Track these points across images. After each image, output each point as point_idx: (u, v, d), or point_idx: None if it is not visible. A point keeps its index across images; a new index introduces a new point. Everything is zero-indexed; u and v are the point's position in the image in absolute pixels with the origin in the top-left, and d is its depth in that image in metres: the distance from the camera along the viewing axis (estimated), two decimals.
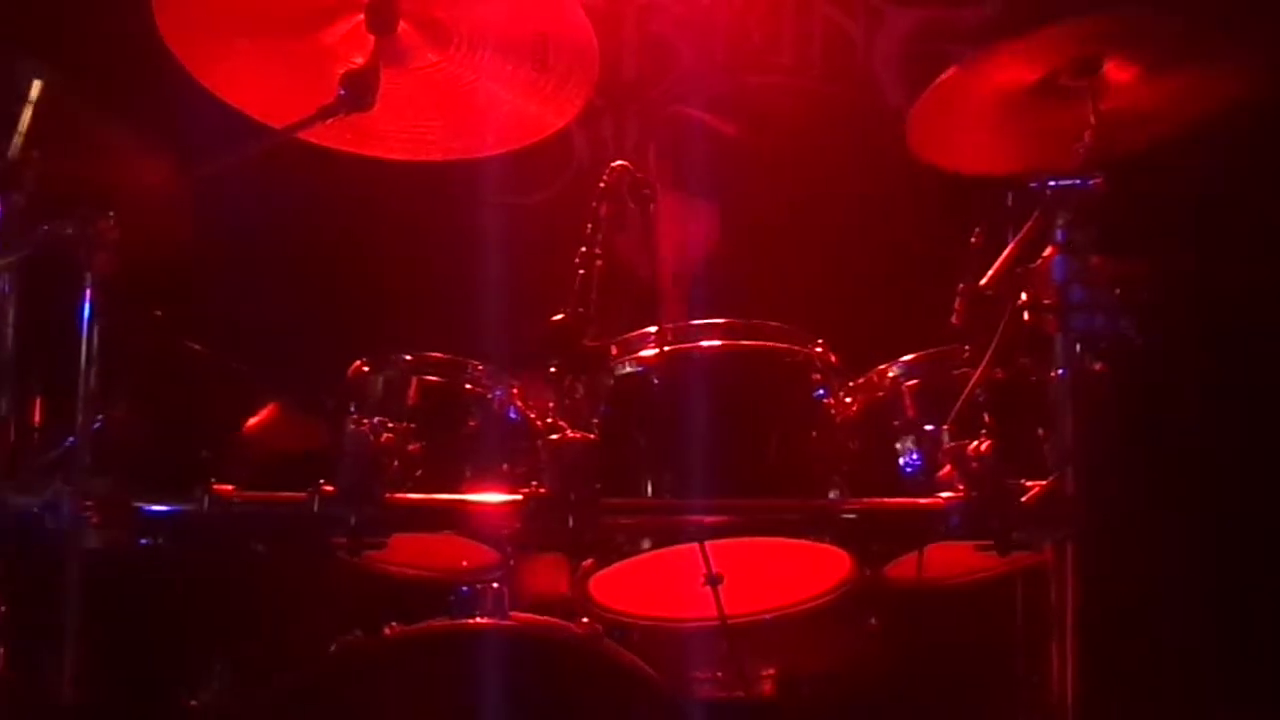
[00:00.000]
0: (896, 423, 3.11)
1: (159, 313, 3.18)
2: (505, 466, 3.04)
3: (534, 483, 2.86)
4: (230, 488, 2.82)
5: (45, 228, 2.69)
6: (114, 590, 2.72)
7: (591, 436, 2.86)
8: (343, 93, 2.85)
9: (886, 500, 3.00)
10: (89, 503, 2.66)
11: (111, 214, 2.67)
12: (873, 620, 3.38)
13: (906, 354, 3.17)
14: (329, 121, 2.85)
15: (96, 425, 2.72)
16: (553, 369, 2.98)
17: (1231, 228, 3.92)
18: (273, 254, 4.01)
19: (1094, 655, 2.72)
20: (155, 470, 2.86)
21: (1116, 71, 2.99)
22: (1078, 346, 2.78)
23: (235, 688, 3.10)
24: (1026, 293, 2.82)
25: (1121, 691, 2.95)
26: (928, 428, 3.06)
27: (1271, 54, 3.00)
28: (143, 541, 2.79)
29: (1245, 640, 3.79)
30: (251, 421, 3.30)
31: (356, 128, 2.99)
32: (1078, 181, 2.79)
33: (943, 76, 3.03)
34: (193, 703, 3.10)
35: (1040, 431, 2.95)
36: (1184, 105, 3.08)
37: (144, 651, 3.18)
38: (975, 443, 2.90)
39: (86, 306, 2.67)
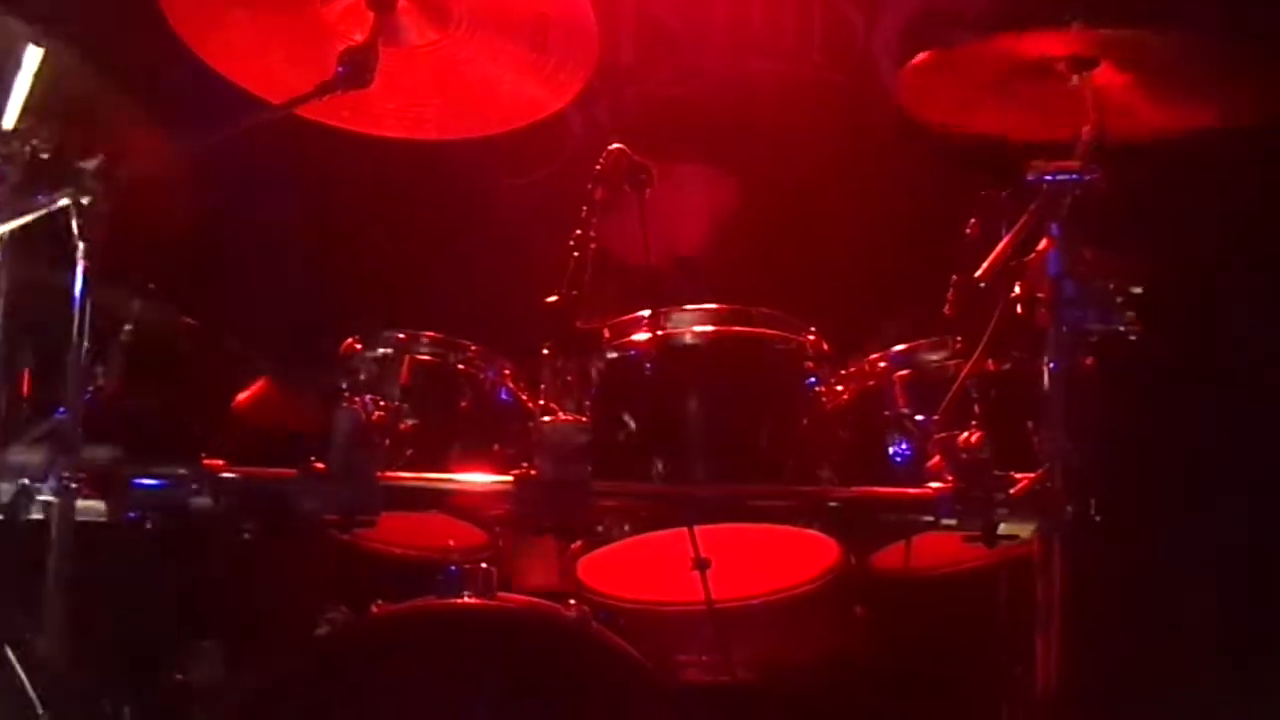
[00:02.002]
0: (887, 412, 3.13)
1: (152, 286, 3.17)
2: (496, 447, 3.05)
3: (524, 464, 2.86)
4: (221, 463, 2.82)
5: (40, 198, 2.69)
6: (103, 564, 2.72)
7: (583, 419, 2.87)
8: (341, 69, 2.83)
9: (875, 489, 3.00)
10: (79, 474, 2.65)
11: (104, 180, 2.66)
12: (858, 608, 3.39)
13: (898, 344, 3.18)
14: (327, 98, 2.84)
15: (87, 397, 2.71)
16: (545, 351, 2.98)
17: (1228, 223, 3.92)
18: (267, 229, 4.00)
19: (1078, 647, 2.72)
20: (146, 444, 2.85)
21: (1112, 74, 2.99)
22: (1070, 340, 2.78)
23: (223, 663, 3.10)
24: (1020, 285, 2.82)
25: (1105, 683, 2.96)
26: (918, 418, 3.07)
27: (1260, 82, 3.02)
28: (131, 515, 2.79)
29: (1231, 632, 3.80)
30: (243, 397, 3.30)
31: (354, 105, 2.98)
32: (1074, 176, 2.79)
33: (921, 56, 3.03)
34: (180, 677, 3.10)
35: (1030, 424, 2.96)
36: (1177, 119, 3.10)
37: (132, 626, 3.18)
38: (965, 434, 2.91)
39: (79, 278, 2.66)
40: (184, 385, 3.20)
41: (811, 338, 3.17)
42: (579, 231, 3.04)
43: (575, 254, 3.02)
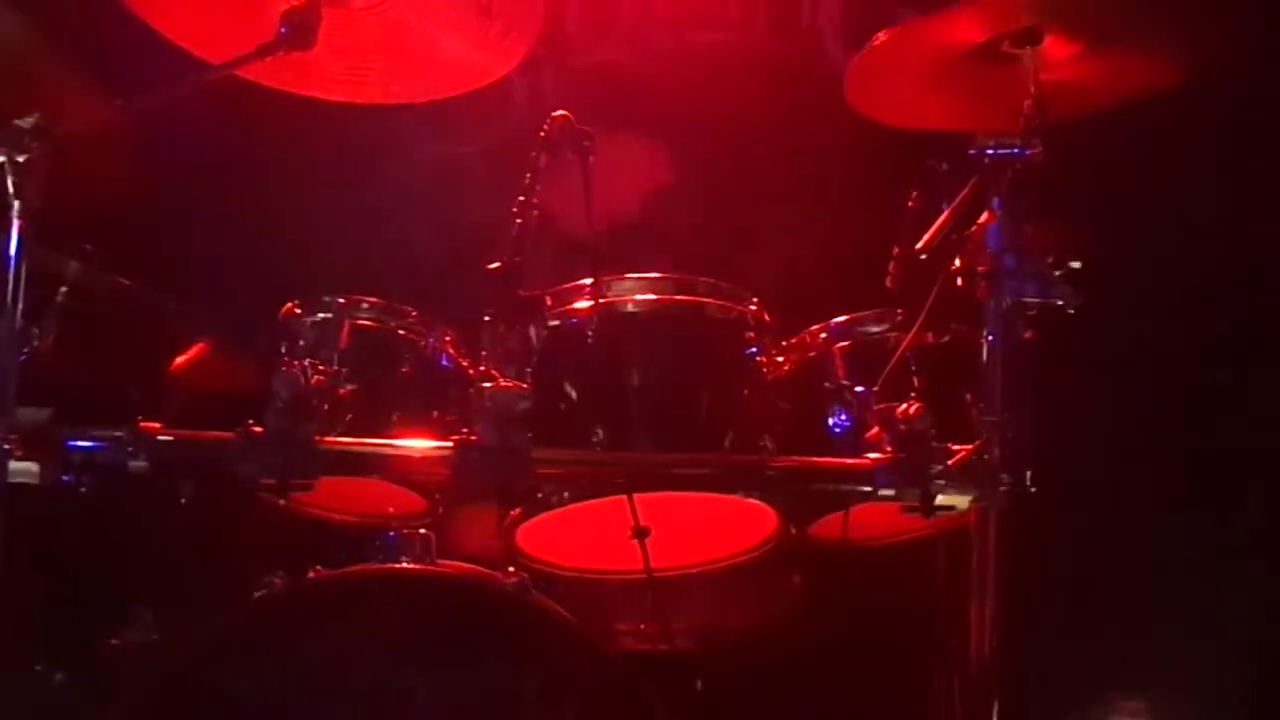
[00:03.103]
0: (827, 384, 3.14)
1: (89, 247, 3.14)
2: (436, 413, 3.04)
3: (464, 430, 2.85)
4: (157, 426, 2.80)
5: None
6: (37, 527, 2.69)
7: (523, 386, 2.86)
8: (283, 30, 2.81)
9: (814, 459, 3.01)
10: (13, 436, 2.62)
11: (40, 138, 2.62)
12: (796, 578, 3.40)
13: (839, 315, 3.19)
14: (268, 59, 2.82)
15: (22, 358, 2.68)
16: (487, 318, 2.97)
17: (1168, 200, 3.95)
18: (207, 191, 3.97)
19: (1013, 618, 2.74)
20: (82, 406, 2.83)
21: (1057, 46, 3.00)
22: (1009, 313, 2.79)
23: (158, 628, 3.08)
24: (961, 259, 2.84)
25: (1039, 654, 2.99)
26: (858, 389, 3.08)
27: (1204, 43, 3.03)
28: (65, 478, 2.76)
29: (1165, 603, 3.84)
30: (180, 360, 3.27)
31: (296, 67, 2.95)
32: (1016, 150, 2.81)
33: (878, 38, 3.03)
34: (114, 642, 3.07)
35: (968, 396, 2.98)
36: (1121, 86, 3.10)
37: (66, 590, 3.16)
38: (904, 405, 2.92)
39: (14, 238, 2.63)
40: (121, 348, 3.17)
41: (753, 308, 3.18)
42: (522, 198, 3.03)
43: (518, 221, 3.01)
